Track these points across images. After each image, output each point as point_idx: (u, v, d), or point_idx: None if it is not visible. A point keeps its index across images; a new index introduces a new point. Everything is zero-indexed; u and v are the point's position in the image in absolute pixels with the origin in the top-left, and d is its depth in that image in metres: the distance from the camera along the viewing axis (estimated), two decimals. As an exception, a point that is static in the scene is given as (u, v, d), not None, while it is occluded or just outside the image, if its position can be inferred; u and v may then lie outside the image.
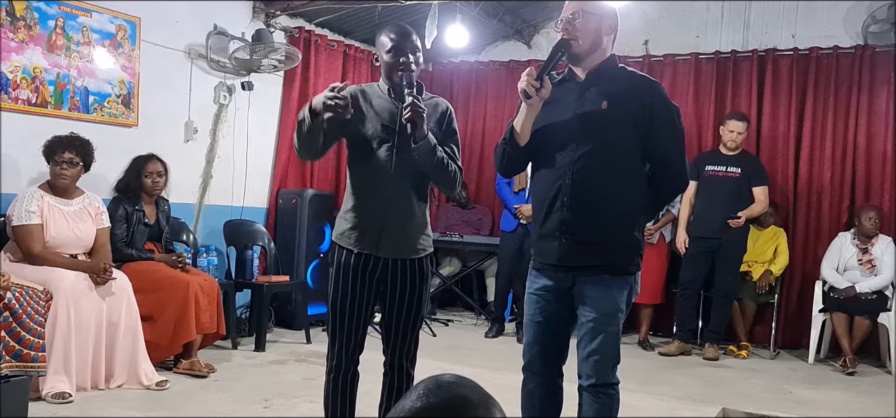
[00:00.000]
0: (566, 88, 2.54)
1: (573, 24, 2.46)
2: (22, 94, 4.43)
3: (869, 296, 5.41)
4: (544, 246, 2.55)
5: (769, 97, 6.26)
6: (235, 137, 5.81)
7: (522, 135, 2.51)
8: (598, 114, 2.45)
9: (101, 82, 4.84)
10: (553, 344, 2.61)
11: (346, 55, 6.59)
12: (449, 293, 7.21)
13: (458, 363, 4.87)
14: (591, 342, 2.50)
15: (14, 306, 3.49)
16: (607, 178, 2.46)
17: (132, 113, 5.04)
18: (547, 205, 2.52)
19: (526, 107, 2.47)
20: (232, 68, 5.65)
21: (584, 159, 2.45)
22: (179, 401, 3.84)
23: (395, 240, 2.71)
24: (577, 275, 2.51)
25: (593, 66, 2.51)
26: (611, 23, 2.52)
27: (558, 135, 2.49)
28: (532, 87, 2.39)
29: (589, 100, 2.49)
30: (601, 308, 2.49)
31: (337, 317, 2.72)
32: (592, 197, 2.46)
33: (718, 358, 5.57)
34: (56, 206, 4.03)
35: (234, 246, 5.56)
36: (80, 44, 4.71)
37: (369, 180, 2.71)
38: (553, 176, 2.51)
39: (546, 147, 2.52)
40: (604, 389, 2.54)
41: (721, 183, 5.68)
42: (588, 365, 2.52)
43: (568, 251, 2.49)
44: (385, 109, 2.73)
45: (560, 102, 2.50)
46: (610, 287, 2.50)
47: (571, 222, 2.47)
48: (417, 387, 1.03)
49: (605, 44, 2.53)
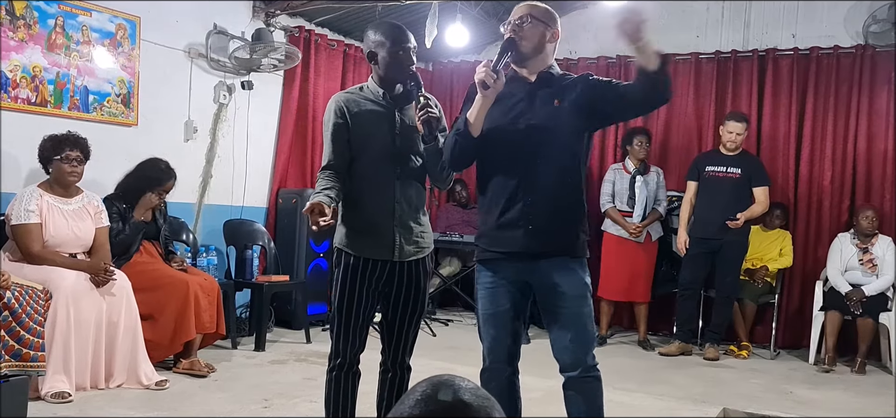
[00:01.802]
0: (515, 88, 2.63)
1: (521, 28, 2.59)
2: (21, 93, 4.42)
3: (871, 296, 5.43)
4: (503, 235, 2.60)
5: (769, 97, 6.26)
6: (235, 137, 5.80)
7: (476, 127, 2.57)
8: (551, 110, 2.59)
9: (101, 81, 4.84)
10: (512, 336, 2.67)
11: (346, 55, 6.59)
12: (449, 293, 7.21)
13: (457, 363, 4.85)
14: (568, 329, 2.57)
15: (14, 305, 3.48)
16: (563, 168, 2.59)
17: (132, 112, 5.03)
18: (507, 197, 2.59)
19: (481, 99, 2.53)
20: (232, 67, 5.64)
21: (543, 152, 2.56)
22: (179, 401, 3.84)
23: (399, 242, 2.71)
24: (537, 262, 2.58)
25: (541, 70, 2.64)
26: (554, 30, 2.65)
27: (513, 130, 2.59)
28: (490, 77, 2.46)
29: (541, 97, 2.61)
30: (572, 290, 2.57)
31: (343, 319, 2.71)
32: (552, 186, 2.57)
33: (719, 359, 5.56)
34: (55, 205, 4.02)
35: (234, 245, 5.56)
36: (80, 43, 4.70)
37: (372, 186, 2.70)
38: (511, 169, 2.59)
39: (500, 142, 2.60)
40: (588, 374, 2.60)
41: (721, 183, 5.68)
42: (568, 354, 2.59)
43: (532, 239, 2.56)
44: (381, 115, 2.71)
45: (510, 99, 2.61)
46: (574, 269, 2.59)
47: (534, 211, 2.56)
48: (416, 389, 1.02)
49: (548, 49, 2.66)
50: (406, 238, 2.72)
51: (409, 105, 2.74)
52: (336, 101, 2.73)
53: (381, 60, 2.69)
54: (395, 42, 2.67)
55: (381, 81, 2.74)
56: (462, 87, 7.45)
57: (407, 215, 2.72)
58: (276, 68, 5.88)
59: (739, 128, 5.66)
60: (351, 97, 2.74)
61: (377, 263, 2.70)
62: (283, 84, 6.16)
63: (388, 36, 2.68)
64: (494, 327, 2.65)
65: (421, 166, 2.77)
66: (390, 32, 2.70)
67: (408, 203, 2.72)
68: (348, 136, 2.69)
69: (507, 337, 2.65)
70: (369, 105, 2.72)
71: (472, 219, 6.86)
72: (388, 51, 2.67)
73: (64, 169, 4.03)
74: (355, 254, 2.70)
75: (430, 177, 2.83)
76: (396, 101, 2.74)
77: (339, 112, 2.69)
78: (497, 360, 2.66)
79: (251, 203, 5.99)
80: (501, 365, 2.66)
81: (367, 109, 2.71)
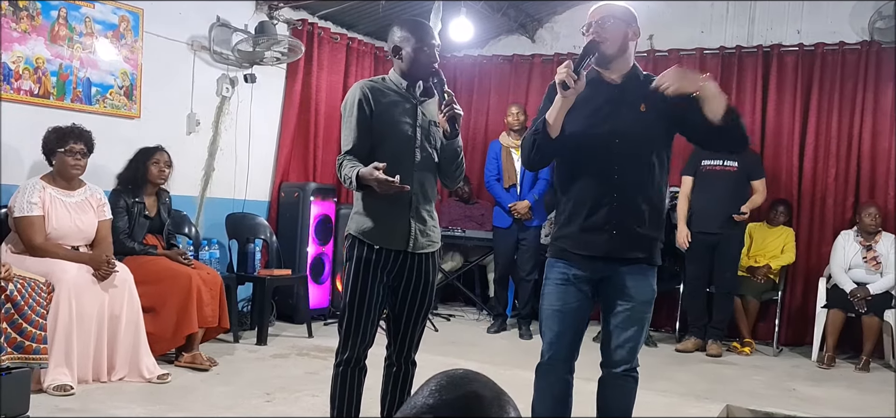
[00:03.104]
0: (599, 91, 2.61)
1: (604, 28, 2.56)
2: (24, 84, 4.41)
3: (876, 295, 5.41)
4: (589, 239, 2.62)
5: (774, 93, 6.23)
6: (238, 130, 5.79)
7: (555, 128, 2.56)
8: (638, 116, 2.59)
9: (104, 73, 4.82)
10: (575, 334, 2.69)
11: (350, 48, 6.57)
12: (451, 288, 7.20)
13: (460, 358, 4.85)
14: (627, 329, 2.64)
15: (16, 298, 3.47)
16: (648, 176, 2.62)
17: (134, 104, 5.02)
18: (592, 201, 2.60)
19: (560, 100, 2.50)
20: (235, 60, 5.63)
21: (630, 158, 2.58)
22: (181, 395, 3.83)
23: (415, 235, 2.73)
24: (619, 266, 2.62)
25: (625, 71, 2.64)
26: (635, 28, 2.63)
27: (600, 135, 2.58)
28: (571, 78, 2.44)
29: (628, 102, 2.60)
30: (640, 296, 2.63)
31: (354, 311, 2.71)
32: (637, 193, 2.60)
33: (722, 355, 5.56)
34: (58, 198, 4.01)
35: (236, 239, 5.55)
36: (83, 34, 4.69)
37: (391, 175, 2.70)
38: (598, 174, 2.60)
39: (586, 146, 2.59)
40: (632, 372, 2.69)
41: (719, 177, 5.67)
42: (623, 352, 2.65)
43: (617, 244, 2.59)
44: (403, 106, 2.73)
45: (595, 102, 2.58)
46: (647, 276, 2.65)
47: (620, 217, 2.59)
48: (429, 383, 1.01)
49: (631, 49, 2.64)
50: (421, 230, 2.75)
51: (429, 100, 2.79)
52: (361, 87, 2.74)
53: (405, 56, 2.72)
54: (420, 40, 2.70)
55: (404, 76, 2.76)
56: (466, 81, 7.44)
57: (422, 207, 2.75)
58: (278, 61, 5.87)
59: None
60: (375, 85, 2.75)
61: (390, 254, 2.71)
62: (286, 77, 6.15)
63: (414, 33, 2.72)
64: (559, 323, 2.66)
65: (435, 162, 2.80)
66: (416, 30, 2.73)
67: (423, 195, 2.75)
68: (370, 124, 2.69)
69: (570, 335, 2.66)
70: (392, 96, 2.74)
71: (474, 214, 6.85)
72: (412, 47, 2.70)
73: (68, 161, 4.01)
74: (369, 243, 2.70)
75: (442, 175, 2.85)
76: (419, 96, 2.77)
77: (364, 99, 2.70)
78: (556, 357, 2.68)
79: (253, 196, 5.98)
80: (559, 363, 2.68)
81: (391, 100, 2.73)
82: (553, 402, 2.70)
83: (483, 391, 0.99)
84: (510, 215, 5.95)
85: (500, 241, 6.12)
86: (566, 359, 2.68)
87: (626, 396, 2.70)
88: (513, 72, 7.21)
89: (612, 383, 2.69)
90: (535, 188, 5.89)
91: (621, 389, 2.69)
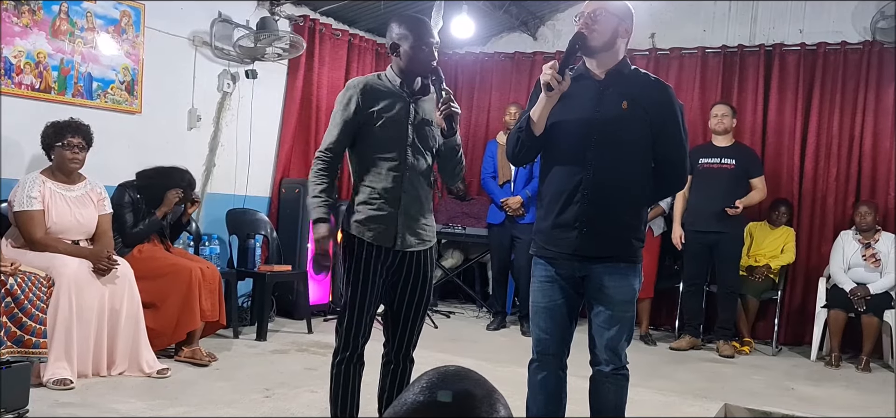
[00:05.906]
0: (583, 85, 2.61)
1: (593, 19, 2.55)
2: (25, 79, 4.41)
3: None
4: (559, 236, 2.61)
5: (776, 92, 6.22)
6: (239, 126, 5.79)
7: (538, 125, 2.58)
8: (618, 114, 2.57)
9: (105, 68, 4.83)
10: (564, 331, 2.69)
11: (351, 44, 6.57)
12: (451, 285, 7.20)
13: (459, 355, 4.86)
14: (610, 329, 2.63)
15: (16, 292, 3.48)
16: (624, 174, 2.59)
17: (135, 100, 5.02)
18: (565, 197, 2.59)
19: (545, 99, 2.53)
20: (236, 56, 5.62)
21: (605, 155, 2.56)
22: (180, 389, 3.84)
23: (410, 232, 2.73)
24: (591, 264, 2.60)
25: (610, 67, 2.61)
26: (627, 26, 2.62)
27: (578, 130, 2.58)
28: (555, 79, 2.45)
29: (608, 99, 2.58)
30: (619, 296, 2.62)
31: (355, 307, 2.71)
32: (610, 191, 2.58)
33: (734, 356, 5.53)
34: (58, 192, 4.02)
35: (237, 234, 5.55)
36: (85, 29, 4.69)
37: (381, 173, 2.70)
38: (572, 169, 2.58)
39: (563, 141, 2.60)
40: (620, 371, 2.69)
41: (716, 175, 5.65)
42: (607, 352, 2.66)
43: (586, 241, 2.58)
44: (397, 104, 2.72)
45: (578, 98, 2.58)
46: (625, 275, 2.63)
47: (590, 214, 2.57)
48: (420, 380, 1.01)
49: (619, 45, 2.62)
50: (409, 229, 2.73)
51: (426, 99, 2.77)
52: (355, 85, 2.73)
53: (403, 53, 2.71)
54: (418, 37, 2.69)
55: (402, 73, 2.75)
56: (467, 78, 7.44)
57: (412, 206, 2.73)
58: (280, 57, 5.87)
59: (722, 109, 5.70)
60: (370, 83, 2.74)
61: (389, 251, 2.72)
62: (287, 73, 6.15)
63: (412, 30, 2.70)
64: (545, 320, 2.67)
65: (431, 161, 2.79)
66: (414, 27, 2.71)
67: (414, 194, 2.73)
68: (358, 124, 2.69)
69: (558, 332, 2.67)
70: (388, 93, 2.73)
71: (472, 211, 6.86)
72: (411, 44, 2.69)
73: (65, 155, 4.02)
74: (366, 240, 2.71)
75: (442, 173, 2.84)
76: (414, 94, 2.75)
77: (357, 98, 2.69)
78: (545, 353, 2.69)
79: (254, 192, 5.98)
80: (549, 359, 2.69)
81: (386, 97, 2.72)
82: (546, 399, 2.70)
83: (474, 389, 0.98)
84: (503, 210, 5.97)
85: (494, 237, 6.20)
86: (556, 356, 2.69)
87: (616, 394, 2.70)
88: (514, 69, 7.20)
89: (601, 381, 2.70)
90: (528, 185, 5.91)
91: (611, 387, 2.69)
